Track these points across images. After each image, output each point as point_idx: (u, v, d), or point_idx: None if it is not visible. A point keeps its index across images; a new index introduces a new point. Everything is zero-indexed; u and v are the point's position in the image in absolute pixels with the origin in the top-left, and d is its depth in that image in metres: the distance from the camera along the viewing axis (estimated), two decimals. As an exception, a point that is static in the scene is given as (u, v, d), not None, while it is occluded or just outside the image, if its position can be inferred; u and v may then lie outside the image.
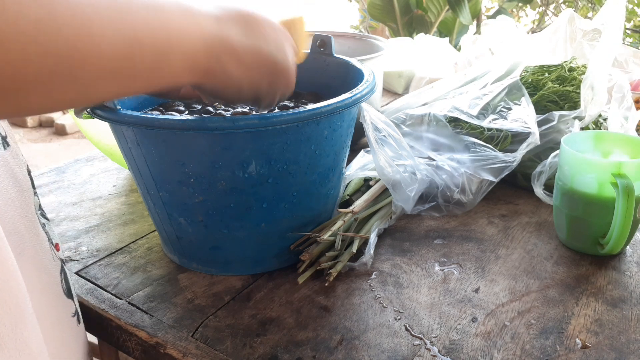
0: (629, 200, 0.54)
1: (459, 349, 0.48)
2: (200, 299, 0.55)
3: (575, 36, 0.88)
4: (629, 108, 0.74)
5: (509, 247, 0.63)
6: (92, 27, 0.30)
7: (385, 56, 0.89)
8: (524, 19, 3.45)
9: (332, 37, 0.67)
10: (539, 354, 0.47)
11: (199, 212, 0.54)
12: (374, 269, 0.59)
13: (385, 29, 2.95)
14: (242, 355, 0.47)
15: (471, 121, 0.74)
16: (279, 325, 0.51)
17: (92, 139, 0.77)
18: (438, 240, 0.65)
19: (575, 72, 0.79)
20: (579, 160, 0.59)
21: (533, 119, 0.72)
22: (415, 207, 0.69)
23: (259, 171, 0.51)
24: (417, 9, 2.63)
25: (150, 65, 0.35)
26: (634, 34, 2.83)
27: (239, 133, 0.48)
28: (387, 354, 0.48)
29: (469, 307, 0.53)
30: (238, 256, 0.58)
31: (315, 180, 0.56)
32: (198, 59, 0.38)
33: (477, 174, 0.70)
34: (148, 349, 0.50)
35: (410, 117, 0.79)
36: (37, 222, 0.46)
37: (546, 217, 0.69)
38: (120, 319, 0.52)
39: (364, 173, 0.71)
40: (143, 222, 0.70)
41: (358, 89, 0.54)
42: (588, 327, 0.51)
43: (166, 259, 0.62)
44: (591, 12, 2.97)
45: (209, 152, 0.50)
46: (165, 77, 0.37)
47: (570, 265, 0.60)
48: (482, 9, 2.75)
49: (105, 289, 0.57)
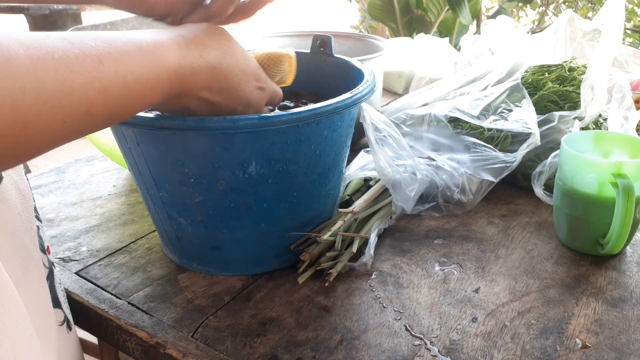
0: (629, 200, 0.54)
1: (459, 349, 0.48)
2: (200, 299, 0.55)
3: (575, 36, 0.88)
4: (629, 108, 0.74)
5: (509, 247, 0.63)
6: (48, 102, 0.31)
7: (385, 56, 0.89)
8: (524, 19, 3.44)
9: (332, 37, 0.67)
10: (539, 354, 0.47)
11: (199, 212, 0.54)
12: (374, 269, 0.59)
13: (385, 29, 2.95)
14: (242, 355, 0.47)
15: (472, 121, 0.74)
16: (279, 325, 0.51)
17: (92, 139, 0.77)
18: (438, 240, 0.65)
19: (575, 72, 0.79)
20: (579, 160, 0.59)
21: (533, 120, 0.72)
22: (415, 207, 0.69)
23: (259, 171, 0.51)
24: (417, 9, 2.63)
25: (116, 112, 0.36)
26: (634, 34, 2.83)
27: (239, 133, 0.48)
28: (387, 354, 0.47)
29: (469, 307, 0.53)
30: (238, 256, 0.58)
31: (315, 180, 0.56)
32: (166, 89, 0.40)
33: (477, 174, 0.70)
34: (148, 349, 0.50)
35: (410, 117, 0.79)
36: (35, 231, 0.45)
37: (546, 217, 0.69)
38: (120, 319, 0.52)
39: (364, 173, 0.71)
40: (143, 222, 0.70)
41: (358, 89, 0.54)
42: (588, 327, 0.51)
43: (166, 259, 0.62)
44: (591, 12, 2.97)
45: (209, 152, 0.50)
46: (134, 109, 0.38)
47: (570, 265, 0.60)
48: (482, 9, 2.75)
49: (105, 289, 0.57)
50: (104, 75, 0.33)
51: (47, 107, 0.30)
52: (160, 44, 0.38)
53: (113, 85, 0.34)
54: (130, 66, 0.35)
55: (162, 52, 0.38)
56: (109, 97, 0.34)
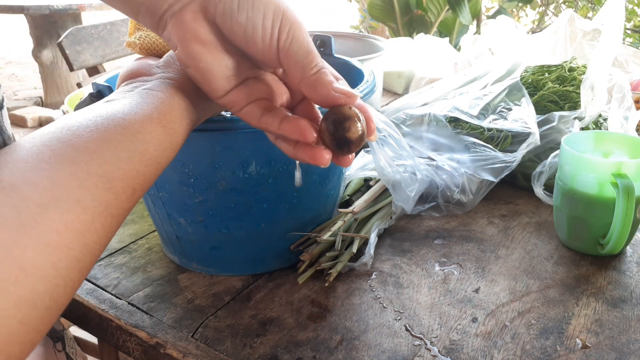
0: (629, 200, 0.54)
1: (459, 349, 0.48)
2: (200, 299, 0.55)
3: (575, 36, 0.89)
4: (629, 108, 0.74)
5: (509, 247, 0.63)
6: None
7: (385, 56, 0.89)
8: (524, 19, 3.45)
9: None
10: (539, 354, 0.47)
11: (199, 212, 0.54)
12: (374, 269, 0.59)
13: (385, 29, 2.95)
14: (242, 356, 0.47)
15: (471, 121, 0.74)
16: (279, 325, 0.51)
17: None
18: (438, 241, 0.65)
19: (575, 72, 0.79)
20: (579, 160, 0.59)
21: (533, 120, 0.72)
22: (415, 207, 0.69)
23: (259, 171, 0.51)
24: (417, 9, 2.63)
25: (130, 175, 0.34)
26: (634, 34, 2.83)
27: (239, 133, 0.48)
28: (387, 354, 0.47)
29: (469, 307, 0.53)
30: (238, 256, 0.58)
31: (316, 180, 0.56)
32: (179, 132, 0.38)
33: (477, 174, 0.70)
34: (148, 349, 0.50)
35: (410, 117, 0.79)
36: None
37: (546, 217, 0.69)
38: (120, 319, 0.52)
39: (364, 173, 0.71)
40: (143, 222, 0.70)
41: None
42: (588, 327, 0.50)
43: (166, 259, 0.62)
44: (591, 12, 2.97)
45: (209, 152, 0.50)
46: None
47: (570, 266, 0.60)
48: (482, 9, 2.75)
49: (105, 289, 0.57)
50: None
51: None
52: (168, 121, 0.37)
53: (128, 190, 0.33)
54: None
55: (174, 128, 0.37)
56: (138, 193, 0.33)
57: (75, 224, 0.28)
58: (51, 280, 0.26)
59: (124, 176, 0.31)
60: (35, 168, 0.28)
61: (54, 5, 2.77)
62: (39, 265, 0.25)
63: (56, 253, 0.26)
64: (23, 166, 0.28)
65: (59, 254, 0.27)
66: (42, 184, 0.27)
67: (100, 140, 0.31)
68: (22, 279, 0.25)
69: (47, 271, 0.26)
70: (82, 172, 0.29)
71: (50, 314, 0.27)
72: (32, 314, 0.25)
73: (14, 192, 0.26)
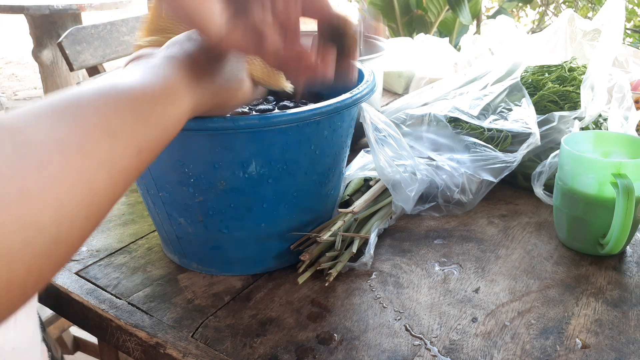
0: (629, 200, 0.54)
1: (459, 349, 0.48)
2: (200, 299, 0.55)
3: (575, 36, 0.89)
4: (629, 108, 0.74)
5: (509, 247, 0.63)
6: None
7: (385, 56, 0.89)
8: (524, 19, 3.45)
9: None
10: (539, 354, 0.47)
11: (199, 212, 0.54)
12: (374, 269, 0.59)
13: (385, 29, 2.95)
14: (242, 356, 0.47)
15: (471, 121, 0.74)
16: (279, 325, 0.51)
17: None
18: (438, 241, 0.65)
19: (575, 72, 0.79)
20: (579, 160, 0.59)
21: (533, 120, 0.72)
22: (415, 207, 0.69)
23: (259, 171, 0.51)
24: (417, 9, 2.63)
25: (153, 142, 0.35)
26: (634, 34, 2.83)
27: (239, 133, 0.48)
28: (387, 354, 0.47)
29: (469, 307, 0.53)
30: (238, 256, 0.58)
31: (315, 180, 0.56)
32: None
33: (477, 174, 0.70)
34: (148, 349, 0.50)
35: (410, 117, 0.79)
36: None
37: (546, 217, 0.69)
38: (120, 319, 0.52)
39: (364, 173, 0.71)
40: (143, 222, 0.70)
41: (358, 89, 0.54)
42: (588, 327, 0.51)
43: (166, 259, 0.62)
44: (591, 12, 2.97)
45: (209, 152, 0.50)
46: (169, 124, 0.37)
47: (570, 265, 0.60)
48: (482, 9, 2.76)
49: (105, 289, 0.57)
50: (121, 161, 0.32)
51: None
52: (171, 91, 0.37)
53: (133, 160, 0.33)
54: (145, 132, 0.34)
55: (177, 100, 0.37)
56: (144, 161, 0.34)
57: (79, 166, 0.27)
58: (56, 211, 0.25)
59: (129, 135, 0.32)
60: (37, 116, 0.28)
61: (54, 5, 2.77)
62: (42, 195, 0.25)
63: (59, 187, 0.26)
64: (25, 115, 0.27)
65: (61, 189, 0.26)
66: (45, 128, 0.27)
67: (104, 102, 0.31)
68: (25, 201, 0.24)
69: (50, 201, 0.25)
70: (85, 124, 0.29)
71: (59, 249, 0.26)
72: (38, 237, 0.24)
73: (17, 131, 0.26)
